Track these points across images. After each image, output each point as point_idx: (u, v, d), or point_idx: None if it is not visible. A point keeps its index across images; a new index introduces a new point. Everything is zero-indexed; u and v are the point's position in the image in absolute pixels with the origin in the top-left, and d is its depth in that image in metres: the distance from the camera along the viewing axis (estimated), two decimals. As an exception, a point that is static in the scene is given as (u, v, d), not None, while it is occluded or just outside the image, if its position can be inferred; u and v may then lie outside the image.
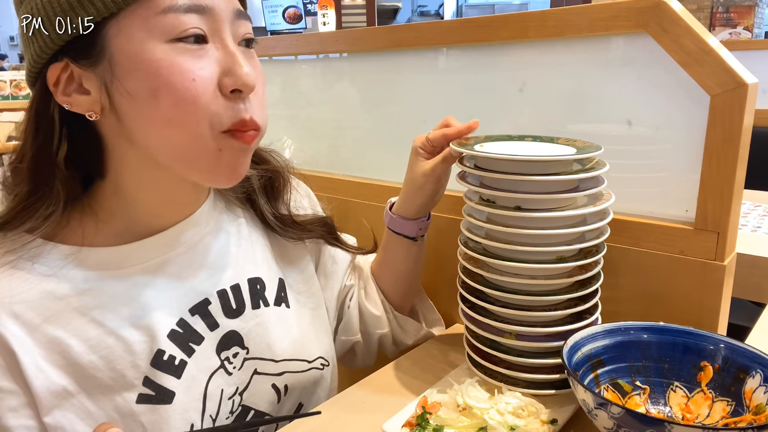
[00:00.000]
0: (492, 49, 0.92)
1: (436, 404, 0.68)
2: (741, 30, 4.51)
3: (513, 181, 0.68)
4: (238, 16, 0.60)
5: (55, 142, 0.60)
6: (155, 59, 0.55)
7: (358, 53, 1.11)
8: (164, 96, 0.55)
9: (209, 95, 0.57)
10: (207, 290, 0.70)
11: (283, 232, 0.79)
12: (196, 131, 0.57)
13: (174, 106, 0.56)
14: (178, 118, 0.56)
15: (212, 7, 0.57)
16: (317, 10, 6.99)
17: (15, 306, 0.59)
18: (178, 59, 0.55)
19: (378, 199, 1.08)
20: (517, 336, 0.73)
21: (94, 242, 0.64)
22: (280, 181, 0.79)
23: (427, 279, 1.03)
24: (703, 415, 0.65)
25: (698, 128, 0.72)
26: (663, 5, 0.72)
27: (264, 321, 0.74)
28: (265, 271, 0.77)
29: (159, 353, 0.64)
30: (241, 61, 0.58)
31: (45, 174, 0.60)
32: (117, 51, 0.56)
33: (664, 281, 0.77)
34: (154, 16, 0.54)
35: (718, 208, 0.72)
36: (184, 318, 0.67)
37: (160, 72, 0.55)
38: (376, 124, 1.11)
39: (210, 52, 0.57)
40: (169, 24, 0.55)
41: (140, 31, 0.55)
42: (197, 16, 0.56)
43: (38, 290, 0.60)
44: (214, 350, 0.69)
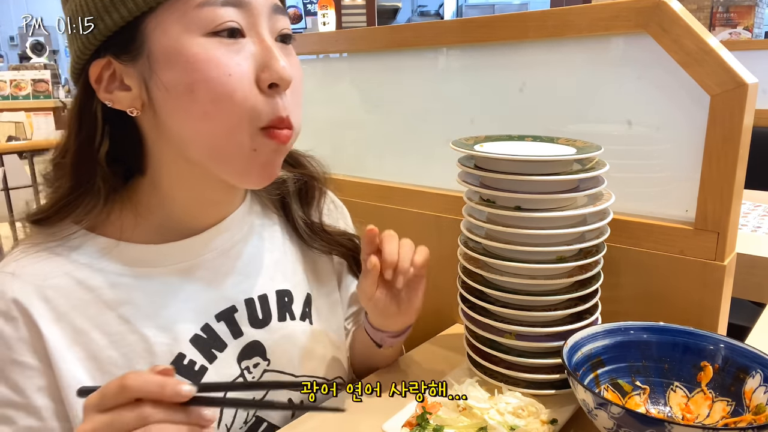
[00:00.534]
0: (492, 49, 0.92)
1: (436, 404, 0.68)
2: (741, 30, 4.51)
3: (513, 181, 0.68)
4: (276, 10, 0.59)
5: (98, 139, 0.60)
6: (191, 53, 0.55)
7: (358, 53, 1.11)
8: (200, 90, 0.55)
9: (246, 90, 0.56)
10: (235, 297, 0.69)
11: (310, 240, 0.78)
12: (233, 126, 0.57)
13: (210, 101, 0.55)
14: (214, 112, 0.56)
15: (249, 1, 0.56)
16: (317, 10, 6.99)
17: (47, 290, 0.60)
18: (215, 53, 0.55)
19: (378, 199, 1.08)
20: (517, 336, 0.73)
21: (132, 237, 0.64)
22: (314, 187, 0.79)
23: (427, 279, 1.03)
24: (703, 415, 0.65)
25: (698, 128, 0.72)
26: (663, 5, 0.72)
27: (289, 334, 0.73)
28: (294, 284, 0.76)
29: (179, 357, 0.64)
30: (277, 55, 0.57)
31: (87, 170, 0.60)
32: (155, 46, 0.56)
33: (664, 281, 0.77)
34: (191, 10, 0.55)
35: (718, 208, 0.72)
36: (209, 323, 0.67)
37: (196, 66, 0.55)
38: (376, 124, 1.11)
39: (246, 46, 0.57)
40: (205, 17, 0.55)
41: (177, 26, 0.55)
42: (234, 9, 0.55)
43: (72, 278, 0.61)
44: (235, 358, 0.68)
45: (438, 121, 1.01)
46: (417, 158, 1.06)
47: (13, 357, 0.59)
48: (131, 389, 0.47)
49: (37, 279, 0.60)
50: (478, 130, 0.96)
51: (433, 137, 1.02)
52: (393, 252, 0.69)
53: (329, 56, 1.15)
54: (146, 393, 0.47)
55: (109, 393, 0.47)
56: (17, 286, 0.59)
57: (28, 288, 0.59)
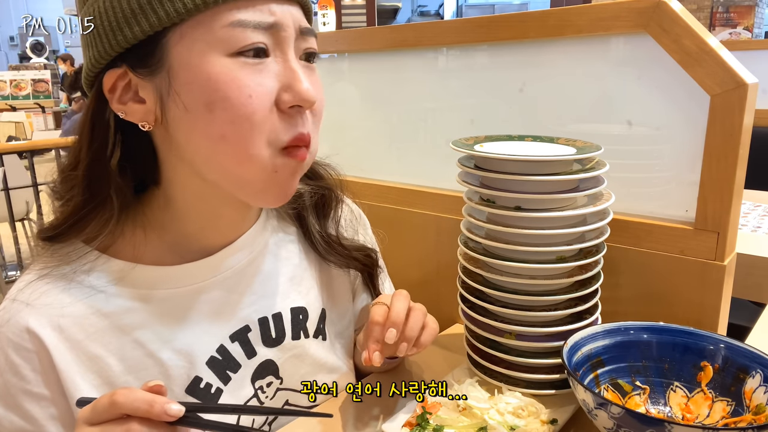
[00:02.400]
0: (492, 49, 0.92)
1: (436, 404, 0.68)
2: (741, 30, 4.51)
3: (513, 181, 0.68)
4: (304, 32, 0.58)
5: (110, 148, 0.58)
6: (214, 72, 0.53)
7: (358, 53, 1.11)
8: (220, 110, 0.54)
9: (265, 112, 0.55)
10: (249, 317, 0.69)
11: (326, 253, 0.77)
12: (251, 149, 0.55)
13: (229, 122, 0.54)
14: (232, 134, 0.54)
15: (280, 22, 0.55)
16: (317, 10, 6.98)
17: (61, 319, 0.59)
18: (238, 74, 0.53)
19: (378, 200, 1.08)
20: (517, 336, 0.73)
21: (144, 255, 0.63)
22: (331, 199, 0.78)
23: (427, 279, 1.03)
24: (703, 415, 0.65)
25: (698, 128, 0.73)
26: (663, 5, 0.72)
27: (301, 353, 0.73)
28: (310, 301, 0.75)
29: (196, 380, 0.64)
30: (301, 76, 0.56)
31: (100, 182, 0.59)
32: (176, 61, 0.54)
33: (664, 281, 0.77)
34: (219, 29, 0.53)
35: (718, 208, 0.72)
36: (224, 344, 0.66)
37: (218, 86, 0.53)
38: (377, 124, 1.11)
39: (270, 66, 0.55)
40: (234, 38, 0.53)
41: (201, 43, 0.53)
42: (263, 31, 0.54)
43: (86, 305, 0.60)
44: (249, 379, 0.68)
45: (438, 121, 1.01)
46: (417, 158, 1.06)
47: (26, 388, 0.58)
48: (120, 405, 0.47)
49: (52, 309, 0.59)
50: (478, 130, 0.96)
51: (433, 137, 1.02)
52: (401, 312, 0.67)
53: (329, 56, 1.15)
54: (134, 410, 0.47)
55: (99, 408, 0.48)
56: (31, 317, 0.58)
57: (43, 319, 0.58)
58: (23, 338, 0.58)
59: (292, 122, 0.57)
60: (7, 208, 2.83)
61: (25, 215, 3.21)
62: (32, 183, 2.80)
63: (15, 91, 5.98)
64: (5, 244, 3.34)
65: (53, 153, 3.00)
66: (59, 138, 3.45)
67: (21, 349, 0.58)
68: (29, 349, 0.58)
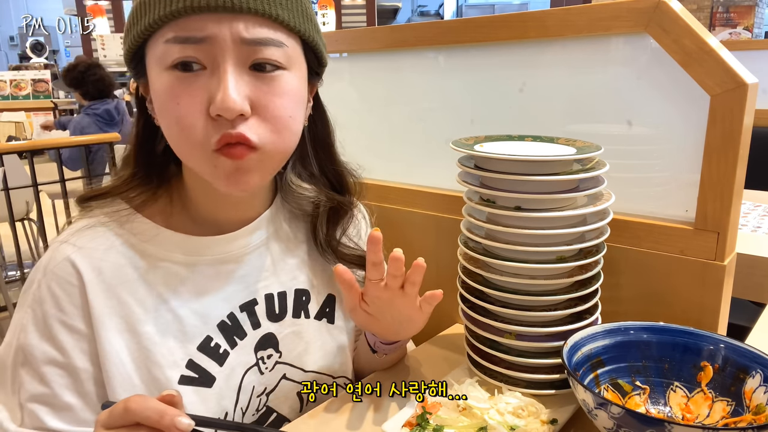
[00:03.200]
0: (492, 49, 0.92)
1: (436, 404, 0.68)
2: (741, 30, 4.51)
3: (513, 181, 0.68)
4: (248, 43, 0.60)
5: (159, 136, 0.69)
6: (157, 83, 0.61)
7: (358, 53, 1.11)
8: (162, 116, 0.63)
9: (195, 117, 0.60)
10: (257, 291, 0.75)
11: (323, 254, 0.80)
12: (190, 148, 0.62)
13: (167, 126, 0.62)
14: (173, 135, 0.62)
15: (210, 37, 0.58)
16: (317, 10, 6.99)
17: (102, 263, 0.66)
18: (171, 85, 0.60)
19: (378, 199, 1.08)
20: (517, 336, 0.73)
21: (172, 224, 0.70)
22: (344, 212, 0.82)
23: (427, 279, 1.03)
24: (703, 415, 0.65)
25: (698, 128, 0.73)
26: (663, 5, 0.72)
27: (300, 331, 0.77)
28: (315, 285, 0.80)
29: (207, 339, 0.70)
30: (227, 87, 0.58)
31: (146, 161, 0.70)
32: (148, 72, 0.63)
33: (664, 281, 0.77)
34: (160, 45, 0.60)
35: (718, 208, 0.72)
36: (233, 312, 0.72)
37: (158, 96, 0.62)
38: (376, 124, 1.11)
39: (202, 78, 0.60)
40: (167, 53, 0.59)
41: (153, 58, 0.61)
42: (193, 46, 0.59)
43: (122, 256, 0.67)
44: (252, 347, 0.73)
45: (438, 121, 1.01)
46: (417, 158, 1.06)
47: (63, 319, 0.64)
48: (133, 413, 0.50)
49: (95, 252, 0.66)
50: (478, 130, 0.96)
51: (433, 137, 1.02)
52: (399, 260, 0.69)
53: (329, 56, 1.15)
54: (145, 419, 0.50)
55: (115, 413, 0.51)
56: (77, 255, 0.65)
57: (87, 259, 0.65)
58: (68, 272, 0.64)
59: (219, 126, 0.60)
60: (7, 208, 2.83)
61: (25, 215, 3.21)
62: (32, 183, 2.80)
63: (15, 91, 5.98)
64: (5, 244, 3.34)
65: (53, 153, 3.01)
66: (59, 138, 3.45)
67: (64, 282, 0.64)
68: (72, 284, 0.64)
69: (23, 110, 5.49)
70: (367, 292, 0.71)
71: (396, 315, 0.72)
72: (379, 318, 0.73)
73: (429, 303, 0.70)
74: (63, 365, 0.63)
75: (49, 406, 0.63)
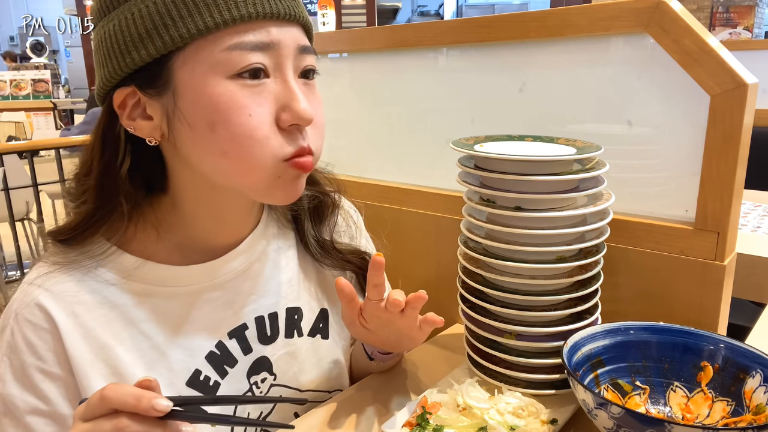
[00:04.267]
0: (492, 49, 0.92)
1: (436, 404, 0.68)
2: (741, 30, 4.52)
3: (513, 181, 0.68)
4: (303, 51, 0.60)
5: (120, 158, 0.62)
6: (215, 93, 0.56)
7: (358, 53, 1.11)
8: (221, 130, 0.57)
9: (266, 129, 0.57)
10: (246, 315, 0.72)
11: (322, 257, 0.79)
12: (253, 163, 0.58)
13: (230, 140, 0.57)
14: (233, 150, 0.58)
15: (277, 43, 0.58)
16: (317, 10, 6.99)
17: (76, 306, 0.62)
18: (237, 94, 0.56)
19: (378, 199, 1.08)
20: (517, 336, 0.73)
21: (154, 255, 0.66)
22: (327, 205, 0.80)
23: (427, 279, 1.03)
24: (703, 415, 0.65)
25: (698, 128, 0.73)
26: (663, 5, 0.72)
27: (294, 351, 0.75)
28: (306, 302, 0.78)
29: (196, 373, 0.67)
30: (299, 96, 0.58)
31: (110, 190, 0.62)
32: (180, 83, 0.57)
33: (664, 281, 0.77)
34: (218, 52, 0.56)
35: (718, 208, 0.72)
36: (222, 341, 0.70)
37: (218, 107, 0.56)
38: (376, 124, 1.11)
39: (269, 86, 0.58)
40: (233, 60, 0.56)
41: (203, 65, 0.56)
42: (262, 53, 0.57)
43: (99, 296, 0.63)
44: (245, 374, 0.71)
45: (438, 121, 1.01)
46: (417, 158, 1.06)
47: (42, 367, 0.61)
48: (109, 400, 0.49)
49: (67, 295, 0.62)
50: (478, 130, 0.96)
51: (433, 137, 1.02)
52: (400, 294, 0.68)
53: (329, 56, 1.15)
54: (122, 405, 0.49)
55: (91, 403, 0.50)
56: (48, 299, 0.61)
57: (59, 303, 0.61)
58: (39, 318, 0.61)
59: (293, 138, 0.59)
60: (7, 208, 2.83)
61: (25, 215, 3.21)
62: (32, 183, 2.80)
63: (15, 91, 5.98)
64: (5, 244, 3.34)
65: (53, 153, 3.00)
66: (59, 138, 3.45)
67: (38, 328, 0.61)
68: (45, 329, 0.61)
69: (23, 110, 5.49)
70: (367, 310, 0.70)
71: (395, 332, 0.71)
72: (378, 333, 0.72)
73: (429, 324, 0.69)
74: (47, 414, 0.61)
75: None
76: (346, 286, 0.69)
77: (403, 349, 0.81)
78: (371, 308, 0.69)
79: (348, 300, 0.70)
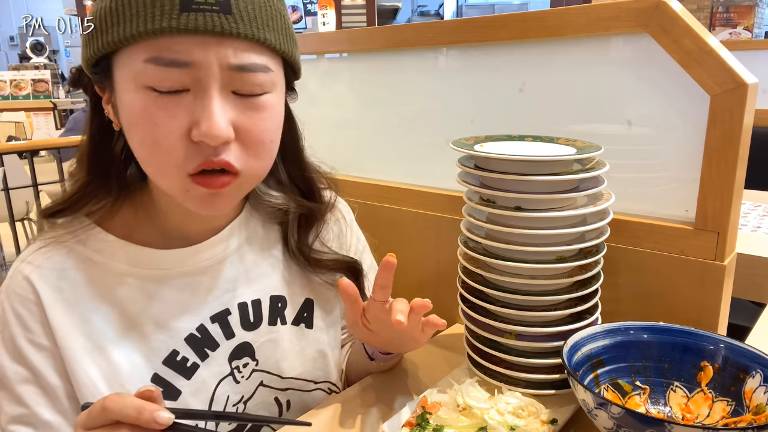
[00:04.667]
0: (492, 49, 0.92)
1: (436, 404, 0.68)
2: (741, 30, 4.51)
3: (513, 181, 0.68)
4: (235, 69, 0.57)
5: (115, 139, 0.66)
6: (130, 99, 0.58)
7: (358, 53, 1.11)
8: (133, 134, 0.60)
9: (171, 140, 0.57)
10: (230, 301, 0.73)
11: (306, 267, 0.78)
12: (162, 170, 0.60)
13: (140, 145, 0.60)
14: (145, 155, 0.60)
15: (196, 62, 0.56)
16: (317, 10, 6.99)
17: (61, 281, 0.65)
18: (149, 104, 0.57)
19: (378, 200, 1.08)
20: (517, 336, 0.73)
21: (135, 235, 0.68)
22: (315, 218, 0.79)
23: (427, 279, 1.03)
24: (703, 415, 0.65)
25: (698, 128, 0.73)
26: (663, 5, 0.72)
27: (277, 338, 0.75)
28: (291, 291, 0.78)
29: (173, 353, 0.68)
30: (213, 113, 0.56)
31: (101, 166, 0.66)
32: (116, 82, 0.60)
33: (664, 281, 0.77)
34: (138, 63, 0.56)
35: (718, 208, 0.72)
36: (204, 324, 0.70)
37: (132, 112, 0.58)
38: (376, 124, 1.11)
39: (185, 100, 0.57)
40: (148, 73, 0.56)
41: (127, 71, 0.58)
42: (178, 69, 0.56)
43: (83, 273, 0.66)
44: (226, 358, 0.72)
45: (438, 121, 1.01)
46: (417, 158, 1.06)
47: (30, 338, 0.63)
48: (110, 411, 0.50)
49: (53, 269, 0.65)
50: (478, 130, 0.96)
51: (433, 137, 1.02)
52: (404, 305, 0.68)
53: (329, 56, 1.15)
54: (124, 417, 0.49)
55: (93, 413, 0.51)
56: (34, 273, 0.64)
57: (45, 278, 0.64)
58: (26, 290, 0.64)
59: (200, 152, 0.58)
60: (7, 208, 2.83)
61: (25, 215, 3.21)
62: (32, 183, 2.80)
63: (15, 91, 5.97)
64: (5, 244, 3.34)
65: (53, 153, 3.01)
66: (59, 138, 3.45)
67: (26, 300, 0.63)
68: (31, 300, 0.63)
69: (23, 110, 5.48)
70: (370, 311, 0.69)
71: (398, 334, 0.71)
72: (381, 334, 0.72)
73: (431, 327, 0.69)
74: (38, 384, 0.62)
75: (30, 426, 0.62)
76: (349, 287, 0.69)
77: (406, 350, 0.81)
78: (375, 309, 0.68)
79: (351, 301, 0.70)
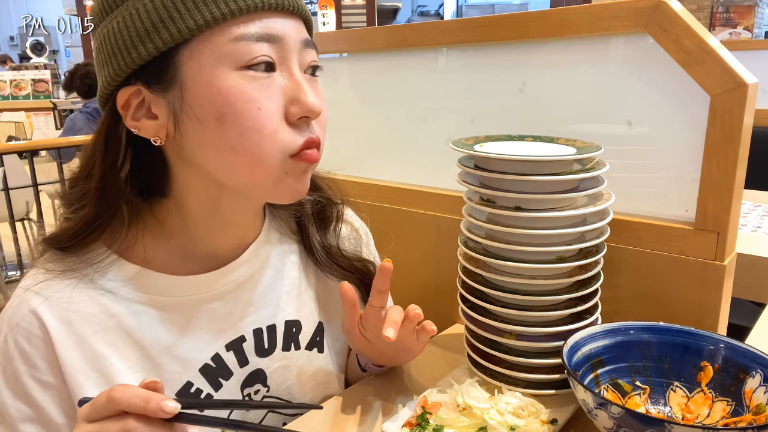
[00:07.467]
0: (492, 49, 0.92)
1: (436, 404, 0.68)
2: (741, 30, 4.52)
3: (513, 181, 0.68)
4: (306, 44, 0.61)
5: (120, 162, 0.60)
6: (224, 86, 0.56)
7: (358, 53, 1.11)
8: (230, 123, 0.56)
9: (274, 123, 0.57)
10: (245, 328, 0.71)
11: (326, 264, 0.78)
12: (261, 158, 0.58)
13: (238, 135, 0.56)
14: (242, 145, 0.57)
15: (282, 36, 0.58)
16: (317, 10, 6.99)
17: (71, 314, 0.61)
18: (247, 87, 0.56)
19: (378, 199, 1.08)
20: (517, 336, 0.73)
21: (153, 261, 0.65)
22: (331, 210, 0.79)
23: (427, 279, 1.03)
24: (703, 415, 0.65)
25: (698, 128, 0.73)
26: (663, 5, 0.72)
27: (289, 364, 0.75)
28: (305, 315, 0.77)
29: (187, 385, 0.66)
30: (306, 89, 0.59)
31: (111, 195, 0.61)
32: (188, 77, 0.57)
33: (664, 281, 0.77)
34: (225, 44, 0.55)
35: (718, 208, 0.72)
36: (219, 353, 0.69)
37: (228, 99, 0.56)
38: (376, 124, 1.11)
39: (277, 80, 0.58)
40: (240, 51, 0.56)
41: (211, 58, 0.56)
42: (267, 44, 0.57)
43: (95, 304, 0.62)
44: (239, 386, 0.71)
45: (438, 121, 1.01)
46: (417, 158, 1.06)
47: (35, 375, 0.60)
48: (117, 402, 0.48)
49: (62, 302, 0.61)
50: (478, 130, 0.96)
51: (433, 137, 1.02)
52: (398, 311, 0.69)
53: (329, 56, 1.15)
54: (130, 406, 0.48)
55: (98, 404, 0.49)
56: (42, 306, 0.60)
57: (53, 310, 0.60)
58: (33, 325, 0.60)
59: (301, 131, 0.60)
60: (7, 208, 2.83)
61: (25, 215, 3.21)
62: (32, 183, 2.80)
63: (15, 91, 5.97)
64: (5, 244, 3.34)
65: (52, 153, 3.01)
66: (59, 138, 3.45)
67: (31, 336, 0.60)
68: (38, 336, 0.60)
69: (23, 110, 5.48)
70: (367, 318, 0.69)
71: (391, 345, 0.70)
72: (376, 344, 0.72)
73: (426, 333, 0.69)
74: (41, 422, 0.60)
75: None
76: (350, 290, 0.69)
77: (400, 363, 0.81)
78: (371, 316, 0.68)
79: (350, 305, 0.70)
